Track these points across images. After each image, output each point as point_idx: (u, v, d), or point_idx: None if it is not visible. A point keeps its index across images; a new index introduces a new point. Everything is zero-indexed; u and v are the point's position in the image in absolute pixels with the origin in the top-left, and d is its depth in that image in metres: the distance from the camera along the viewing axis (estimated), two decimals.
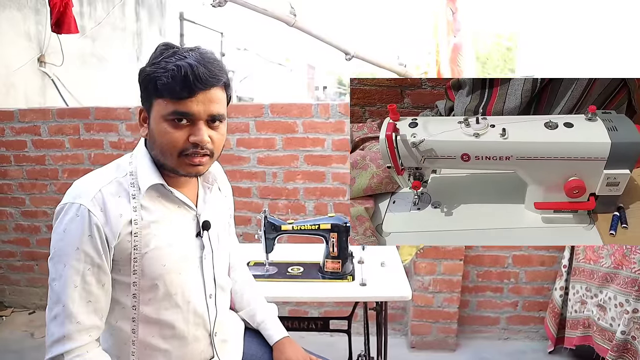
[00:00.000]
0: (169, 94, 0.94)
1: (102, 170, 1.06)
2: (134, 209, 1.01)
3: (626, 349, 1.90)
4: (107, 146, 2.72)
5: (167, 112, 0.95)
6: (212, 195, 1.18)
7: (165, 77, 0.93)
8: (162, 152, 1.00)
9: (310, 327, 2.00)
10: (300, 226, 1.64)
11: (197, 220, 1.12)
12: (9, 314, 2.99)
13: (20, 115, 2.79)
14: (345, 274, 1.64)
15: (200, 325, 1.12)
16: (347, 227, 1.61)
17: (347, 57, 2.27)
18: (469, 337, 2.65)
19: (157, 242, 1.03)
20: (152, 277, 1.03)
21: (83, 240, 0.96)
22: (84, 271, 0.96)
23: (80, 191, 0.99)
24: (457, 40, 2.23)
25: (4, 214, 2.93)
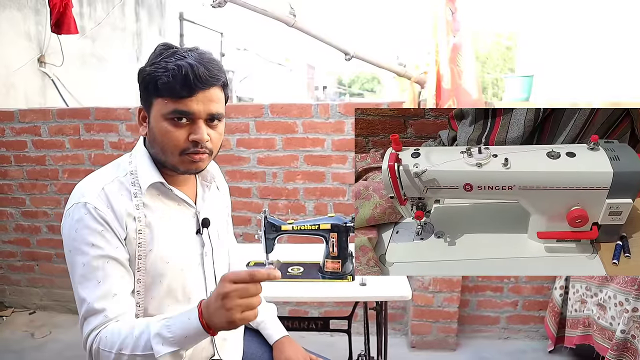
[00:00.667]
0: (169, 93, 0.95)
1: (103, 170, 1.08)
2: (137, 207, 1.02)
3: (626, 347, 1.90)
4: (107, 146, 2.72)
5: (168, 111, 0.97)
6: (211, 193, 1.20)
7: (166, 76, 0.94)
8: (163, 151, 1.01)
9: (311, 327, 2.01)
10: (300, 226, 1.64)
11: (196, 217, 1.13)
12: (9, 314, 3.00)
13: (21, 116, 2.79)
14: (345, 273, 1.65)
15: None
16: (347, 227, 1.61)
17: (346, 57, 2.27)
18: (469, 337, 2.66)
19: (160, 240, 1.04)
20: (156, 274, 1.04)
21: (96, 236, 0.97)
22: (104, 265, 0.97)
23: (84, 191, 1.00)
24: (456, 40, 2.23)
25: (5, 214, 2.93)
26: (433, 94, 2.22)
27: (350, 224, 1.62)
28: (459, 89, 2.22)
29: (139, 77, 1.01)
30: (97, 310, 0.96)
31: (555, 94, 5.17)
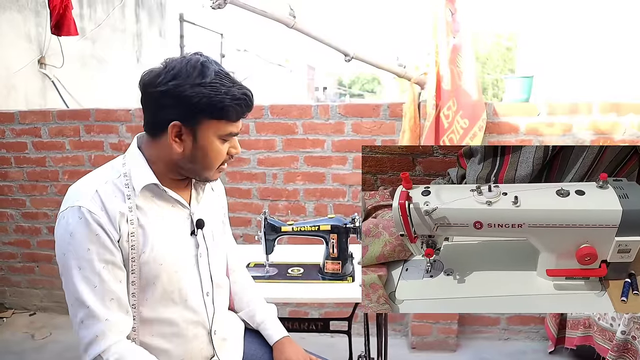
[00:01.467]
0: (232, 117, 1.02)
1: (96, 172, 1.08)
2: (130, 209, 1.02)
3: (626, 348, 1.90)
4: (107, 148, 2.72)
5: (226, 133, 1.04)
6: (205, 194, 1.20)
7: (237, 104, 1.00)
8: (208, 166, 1.07)
9: (311, 328, 2.01)
10: (300, 227, 1.65)
11: (191, 218, 1.13)
12: (9, 315, 3.00)
13: (21, 117, 2.79)
14: (345, 275, 1.65)
15: (198, 323, 1.13)
16: (347, 229, 1.61)
17: (346, 59, 2.27)
18: (469, 338, 2.65)
19: (154, 242, 1.04)
20: (150, 276, 1.04)
21: (92, 240, 0.97)
22: (100, 270, 0.98)
23: (78, 194, 1.00)
24: (456, 41, 2.23)
25: (5, 216, 2.94)
26: (433, 94, 2.22)
27: (350, 225, 1.62)
28: (459, 90, 2.22)
29: (181, 94, 0.97)
30: (97, 315, 0.97)
31: (555, 95, 5.17)
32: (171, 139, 1.01)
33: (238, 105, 1.00)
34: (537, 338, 2.62)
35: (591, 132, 2.37)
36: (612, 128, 2.35)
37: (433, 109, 2.22)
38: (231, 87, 0.99)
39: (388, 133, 2.50)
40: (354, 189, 2.58)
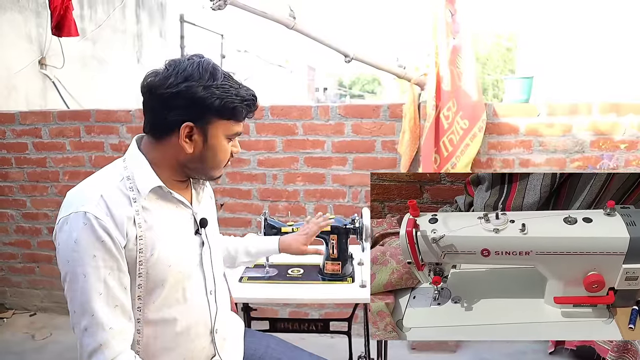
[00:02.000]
0: (239, 118, 1.07)
1: (97, 176, 1.07)
2: (137, 212, 1.02)
3: (626, 349, 1.90)
4: (107, 148, 2.73)
5: (233, 133, 1.09)
6: (204, 194, 1.21)
7: (247, 105, 1.06)
8: (215, 165, 1.11)
9: (311, 328, 2.01)
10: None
11: (194, 218, 1.14)
12: (10, 315, 3.00)
13: (21, 118, 2.79)
14: (345, 275, 1.65)
15: (201, 323, 1.14)
16: (346, 229, 1.62)
17: (346, 60, 2.27)
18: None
19: (162, 244, 1.04)
20: (158, 279, 1.04)
21: (97, 247, 0.96)
22: (105, 276, 0.97)
23: (82, 199, 0.99)
24: (456, 41, 2.23)
25: (5, 216, 2.94)
26: (433, 95, 2.22)
27: (350, 225, 1.62)
28: (459, 91, 2.22)
29: (194, 95, 0.99)
30: (102, 322, 0.96)
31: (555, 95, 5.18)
32: (182, 140, 1.03)
33: (247, 106, 1.06)
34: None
35: (591, 132, 2.37)
36: (611, 128, 2.36)
37: (433, 110, 2.22)
38: (239, 88, 1.05)
39: (388, 134, 2.50)
40: (354, 190, 2.58)
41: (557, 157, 2.41)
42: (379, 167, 2.53)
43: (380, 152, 2.53)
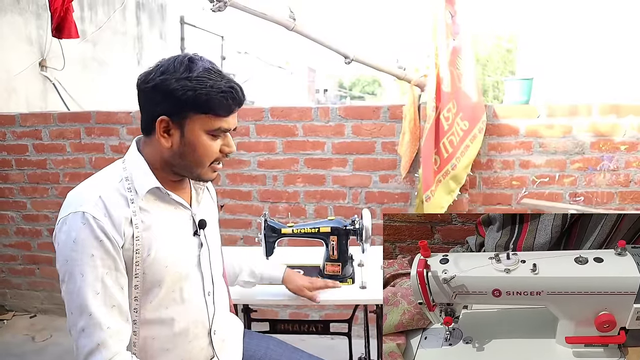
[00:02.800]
0: (220, 111, 1.02)
1: (96, 177, 1.07)
2: (134, 213, 1.02)
3: None
4: (108, 150, 2.73)
5: (213, 128, 1.03)
6: (204, 195, 1.21)
7: (223, 97, 1.00)
8: (196, 163, 1.06)
9: (311, 330, 2.00)
10: (301, 229, 1.65)
11: (193, 219, 1.14)
12: (10, 317, 3.00)
13: (22, 120, 2.80)
14: (345, 276, 1.65)
15: (199, 323, 1.14)
16: (346, 231, 1.62)
17: (346, 61, 2.27)
18: None
19: (159, 244, 1.04)
20: (155, 279, 1.04)
21: (95, 246, 0.96)
22: (103, 276, 0.97)
23: (81, 200, 0.99)
24: (456, 43, 2.23)
25: (5, 218, 2.94)
26: (433, 97, 2.22)
27: (350, 227, 1.62)
28: (459, 92, 2.22)
29: (167, 89, 0.99)
30: (99, 322, 0.95)
31: (555, 96, 5.18)
32: (159, 134, 1.03)
33: (224, 98, 1.00)
34: None
35: (591, 134, 2.37)
36: (611, 130, 2.36)
37: (433, 111, 2.22)
38: (218, 81, 1.00)
39: (388, 135, 2.50)
40: (354, 191, 2.58)
41: (557, 158, 2.41)
42: (379, 168, 2.54)
43: (380, 154, 2.53)
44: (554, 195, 2.45)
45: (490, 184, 2.47)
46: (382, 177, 2.55)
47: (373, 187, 2.57)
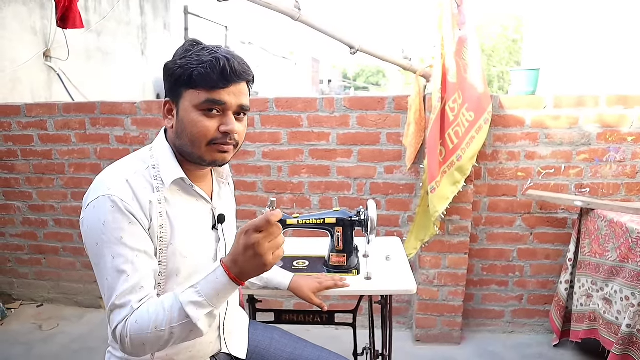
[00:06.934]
0: (204, 84, 0.99)
1: (123, 162, 1.07)
2: (159, 201, 1.03)
3: (632, 342, 1.90)
4: (113, 140, 2.73)
5: (200, 101, 0.99)
6: (225, 190, 1.22)
7: (203, 67, 0.98)
8: (192, 142, 1.02)
9: (316, 320, 2.01)
10: (306, 220, 1.64)
11: (212, 213, 1.15)
12: (17, 306, 3.03)
13: (27, 110, 2.80)
14: (350, 267, 1.65)
15: None
16: (352, 221, 1.61)
17: (351, 51, 2.26)
18: (474, 331, 2.66)
19: (180, 234, 1.05)
20: (173, 269, 1.05)
21: (124, 228, 0.96)
22: (133, 259, 0.97)
23: (109, 183, 0.99)
24: (462, 33, 2.21)
25: (12, 208, 2.96)
26: (438, 87, 2.21)
27: (355, 217, 1.62)
28: (465, 83, 2.21)
29: (167, 71, 1.03)
30: (125, 303, 0.96)
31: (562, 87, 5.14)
32: (164, 116, 1.07)
33: (203, 68, 0.97)
34: (542, 331, 2.63)
35: (598, 125, 2.35)
36: (619, 121, 2.34)
37: (438, 102, 2.21)
38: (205, 55, 0.99)
39: (393, 126, 2.50)
40: (358, 182, 2.58)
41: (563, 149, 2.39)
42: (384, 159, 2.53)
43: (385, 145, 2.52)
44: (559, 186, 2.43)
45: (495, 175, 2.46)
46: (387, 168, 2.54)
47: (378, 178, 2.56)
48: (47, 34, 3.85)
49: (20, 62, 3.57)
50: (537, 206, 2.47)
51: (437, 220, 2.30)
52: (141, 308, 0.96)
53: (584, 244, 2.27)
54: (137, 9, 5.43)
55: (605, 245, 2.11)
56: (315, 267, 1.70)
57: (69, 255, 2.96)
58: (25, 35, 3.67)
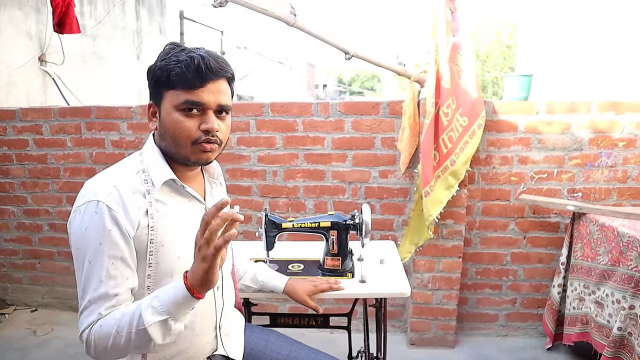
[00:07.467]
0: (181, 84, 1.00)
1: (113, 168, 1.09)
2: (150, 204, 1.04)
3: (622, 345, 1.92)
4: (108, 145, 2.73)
5: (180, 102, 1.00)
6: (217, 189, 1.23)
7: (179, 67, 0.99)
8: (175, 142, 1.04)
9: (311, 323, 2.02)
10: (301, 224, 1.66)
11: None
12: (11, 311, 3.01)
13: (22, 114, 2.80)
14: (345, 271, 1.66)
15: (207, 318, 1.15)
16: (346, 225, 1.63)
17: (346, 57, 2.28)
18: (467, 334, 2.67)
19: (172, 235, 1.06)
20: (166, 270, 1.06)
21: (105, 235, 0.98)
22: (108, 266, 0.99)
23: (96, 189, 1.01)
24: (456, 39, 2.24)
25: (6, 213, 2.95)
26: (432, 92, 2.23)
27: (350, 221, 1.64)
28: (459, 88, 2.23)
29: (149, 74, 1.05)
30: (93, 310, 0.98)
31: (554, 93, 5.18)
32: (148, 118, 1.09)
33: (179, 68, 0.99)
34: (535, 335, 2.64)
35: (590, 130, 2.38)
36: (610, 126, 2.37)
37: (432, 107, 2.23)
38: (182, 55, 1.01)
39: (388, 131, 2.51)
40: (353, 186, 2.60)
41: (555, 154, 2.42)
42: (378, 163, 2.55)
43: (380, 149, 2.54)
44: (552, 191, 2.46)
45: (489, 180, 2.48)
46: (382, 173, 2.56)
47: (372, 183, 2.58)
48: (43, 39, 3.85)
49: (15, 67, 3.56)
50: (530, 210, 2.50)
51: (431, 224, 2.32)
52: (111, 314, 0.98)
53: (576, 247, 2.30)
54: (132, 13, 5.44)
55: (597, 249, 2.13)
56: (310, 271, 1.71)
57: (64, 259, 2.95)
58: (21, 39, 3.67)
